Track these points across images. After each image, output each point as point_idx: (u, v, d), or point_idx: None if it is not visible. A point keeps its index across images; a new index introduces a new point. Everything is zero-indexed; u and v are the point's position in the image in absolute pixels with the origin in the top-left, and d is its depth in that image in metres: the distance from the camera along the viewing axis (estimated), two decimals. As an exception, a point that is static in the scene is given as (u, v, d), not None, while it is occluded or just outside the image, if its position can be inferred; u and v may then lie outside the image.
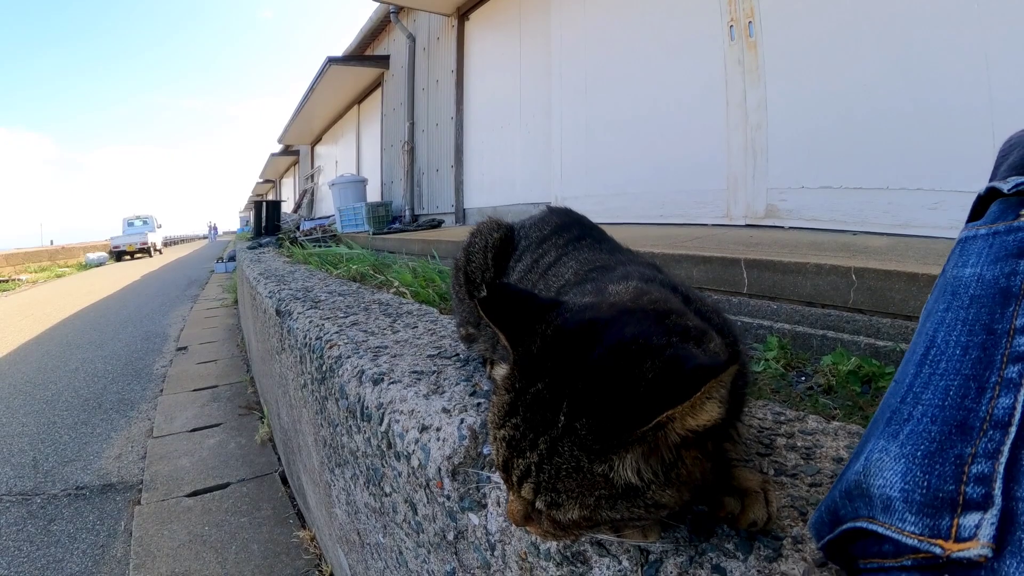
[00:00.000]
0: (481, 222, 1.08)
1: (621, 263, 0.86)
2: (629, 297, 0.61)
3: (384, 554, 1.13)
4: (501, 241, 1.01)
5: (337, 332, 1.44)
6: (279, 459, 2.70)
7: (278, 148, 21.47)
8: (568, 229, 0.97)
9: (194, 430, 3.21)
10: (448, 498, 0.78)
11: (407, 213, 8.93)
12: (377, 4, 8.45)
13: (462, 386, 1.01)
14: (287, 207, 15.25)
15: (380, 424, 1.00)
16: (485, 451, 0.79)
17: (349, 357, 1.24)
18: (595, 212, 1.40)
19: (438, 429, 0.85)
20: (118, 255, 27.47)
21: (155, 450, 2.95)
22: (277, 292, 2.21)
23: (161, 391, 4.06)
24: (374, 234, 6.71)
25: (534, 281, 0.87)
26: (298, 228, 8.92)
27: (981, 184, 0.53)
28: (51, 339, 6.28)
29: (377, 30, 10.24)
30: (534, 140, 6.25)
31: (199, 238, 75.61)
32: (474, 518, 0.72)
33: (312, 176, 16.90)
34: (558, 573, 0.59)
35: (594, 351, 0.49)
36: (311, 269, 3.23)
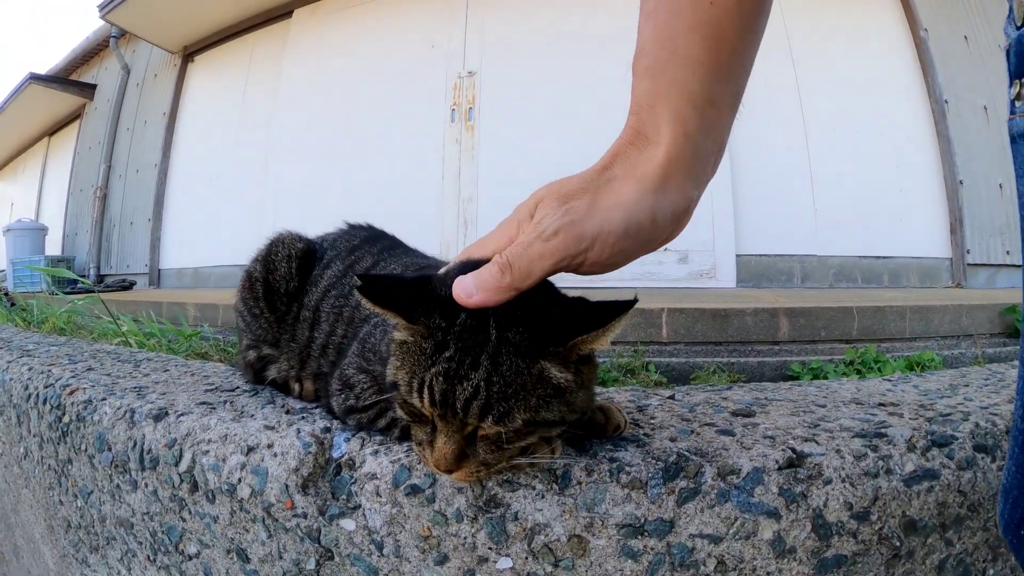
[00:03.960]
0: (279, 233, 1.03)
1: (443, 263, 0.90)
2: None
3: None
4: (305, 252, 0.98)
5: (74, 377, 1.13)
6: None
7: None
8: (379, 240, 1.01)
9: None
10: (304, 516, 0.66)
11: (91, 272, 7.53)
12: (101, 23, 7.07)
13: (269, 408, 0.88)
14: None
15: (176, 465, 0.81)
16: (335, 455, 0.69)
17: (105, 399, 0.98)
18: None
19: (270, 446, 0.72)
20: None
21: None
22: (-37, 345, 1.67)
23: None
24: (53, 294, 5.58)
25: (352, 286, 0.89)
26: (-43, 285, 6.98)
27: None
28: None
29: (90, 53, 8.59)
30: (248, 196, 5.89)
31: None
32: (348, 524, 0.62)
33: (-20, 221, 13.42)
34: (472, 529, 0.57)
35: None
36: (-4, 324, 2.53)
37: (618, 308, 0.53)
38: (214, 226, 6.14)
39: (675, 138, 0.52)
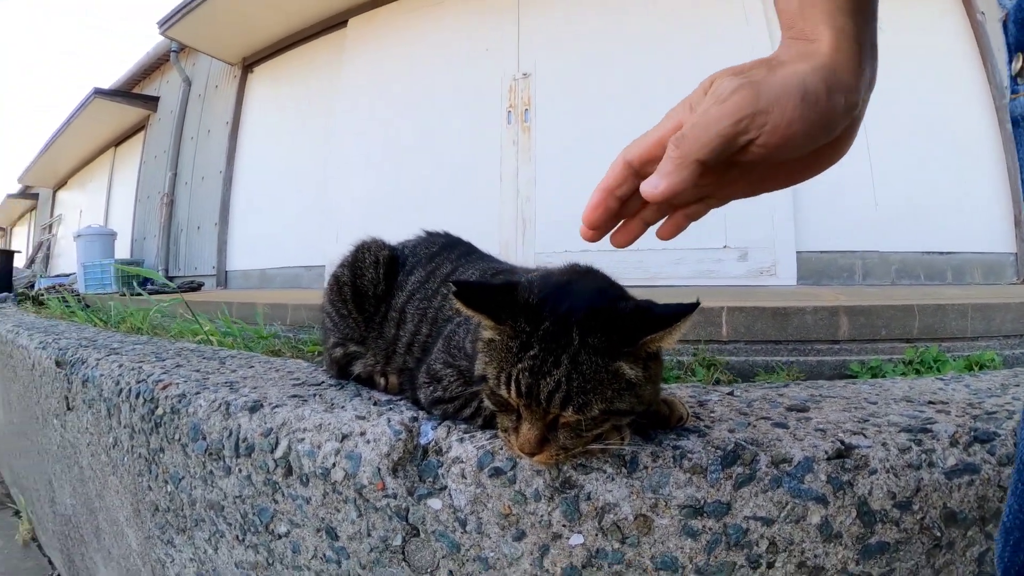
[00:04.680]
0: (364, 240, 1.09)
1: (519, 268, 0.98)
2: (567, 274, 0.74)
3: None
4: (390, 258, 1.05)
5: (165, 373, 1.24)
6: (50, 561, 2.18)
7: (16, 188, 17.45)
8: (456, 247, 1.08)
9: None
10: (394, 496, 0.74)
11: (160, 274, 7.98)
12: (160, 39, 7.50)
13: (357, 400, 0.96)
14: (19, 260, 12.69)
15: (272, 452, 0.90)
16: (422, 441, 0.77)
17: (199, 393, 1.08)
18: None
19: (362, 433, 0.80)
20: None
21: None
22: (52, 342, 1.82)
23: None
24: (123, 295, 5.88)
25: (434, 289, 0.97)
26: (32, 286, 7.44)
27: (710, 243, 0.67)
28: None
29: (151, 67, 9.12)
30: (310, 201, 6.10)
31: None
32: (435, 503, 0.70)
33: (51, 226, 14.18)
34: (549, 508, 0.64)
35: (581, 296, 0.64)
36: (78, 323, 2.71)
37: (683, 310, 0.60)
38: (279, 229, 6.38)
39: (834, 32, 0.52)
